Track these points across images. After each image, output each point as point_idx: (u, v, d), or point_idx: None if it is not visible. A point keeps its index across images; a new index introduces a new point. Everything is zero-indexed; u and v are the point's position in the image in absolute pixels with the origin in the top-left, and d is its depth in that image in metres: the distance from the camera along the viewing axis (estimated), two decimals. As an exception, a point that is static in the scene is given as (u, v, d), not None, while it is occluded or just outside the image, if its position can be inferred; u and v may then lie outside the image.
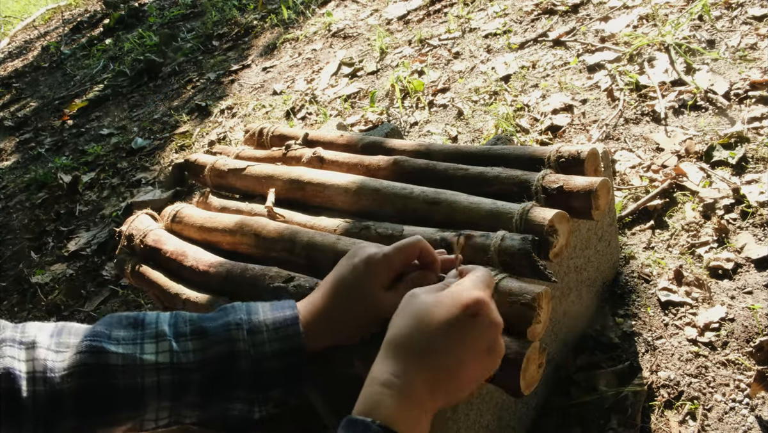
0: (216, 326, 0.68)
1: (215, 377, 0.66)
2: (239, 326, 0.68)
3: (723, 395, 1.03)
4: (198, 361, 0.66)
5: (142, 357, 0.65)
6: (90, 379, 0.63)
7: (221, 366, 0.66)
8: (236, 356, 0.66)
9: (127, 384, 0.64)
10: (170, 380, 0.65)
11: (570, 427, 1.06)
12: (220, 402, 0.67)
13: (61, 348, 0.64)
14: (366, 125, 2.20)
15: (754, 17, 1.82)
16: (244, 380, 0.67)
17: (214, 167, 1.31)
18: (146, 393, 0.64)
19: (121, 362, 0.64)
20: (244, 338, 0.67)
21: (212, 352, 0.66)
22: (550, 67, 2.04)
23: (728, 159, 1.42)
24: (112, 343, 0.65)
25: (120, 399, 0.64)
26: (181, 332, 0.68)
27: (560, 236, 0.86)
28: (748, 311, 1.13)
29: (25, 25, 6.34)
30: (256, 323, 0.68)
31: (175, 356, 0.66)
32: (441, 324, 0.57)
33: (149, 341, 0.66)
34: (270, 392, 0.69)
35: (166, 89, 3.39)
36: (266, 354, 0.67)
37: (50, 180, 2.85)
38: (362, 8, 3.19)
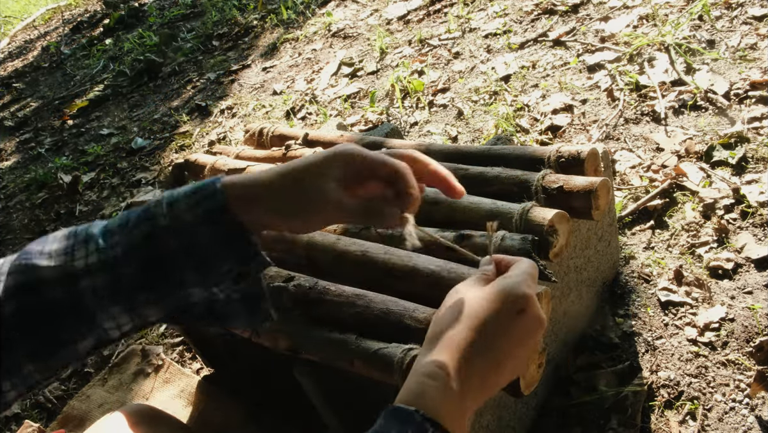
0: (138, 211, 0.62)
1: (148, 265, 0.60)
2: (159, 204, 0.61)
3: (723, 395, 1.03)
4: (124, 252, 0.60)
5: (73, 264, 0.60)
6: (26, 298, 0.59)
7: (148, 251, 0.60)
8: (158, 235, 0.60)
9: (65, 296, 0.59)
10: (104, 279, 0.60)
11: (570, 427, 1.06)
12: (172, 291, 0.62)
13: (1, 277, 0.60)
14: (366, 125, 2.20)
15: (754, 17, 1.82)
16: (181, 260, 0.60)
17: (214, 167, 1.31)
18: (86, 301, 0.60)
19: (55, 275, 0.60)
20: (163, 213, 0.60)
21: (135, 235, 0.60)
22: (550, 67, 2.04)
23: (728, 159, 1.42)
24: (44, 257, 0.61)
25: (63, 314, 0.60)
26: (109, 228, 0.62)
27: (560, 236, 0.86)
28: (748, 311, 1.13)
29: (25, 25, 6.34)
30: (175, 196, 0.61)
31: (102, 254, 0.60)
32: (489, 320, 0.55)
33: (80, 247, 0.61)
34: (219, 268, 0.61)
35: (166, 89, 3.39)
36: (188, 222, 0.59)
37: (50, 180, 2.85)
38: (362, 8, 3.20)
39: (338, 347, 0.78)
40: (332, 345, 0.79)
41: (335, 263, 0.91)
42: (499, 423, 0.94)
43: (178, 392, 1.37)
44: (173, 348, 1.58)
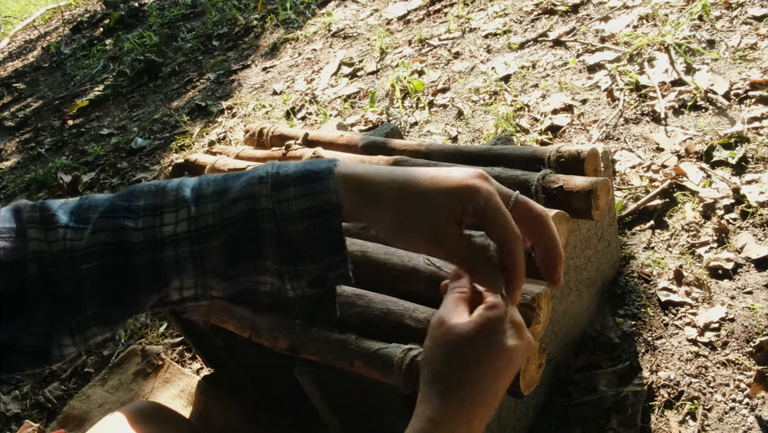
0: (238, 184, 0.58)
1: (238, 242, 0.57)
2: (262, 181, 0.56)
3: (723, 395, 1.03)
4: (217, 224, 0.57)
5: (161, 229, 0.57)
6: (110, 258, 0.57)
7: (243, 227, 0.56)
8: (258, 215, 0.56)
9: (148, 261, 0.57)
10: (189, 252, 0.57)
11: (570, 427, 1.06)
12: (247, 273, 0.59)
13: (81, 224, 0.58)
14: (366, 125, 2.20)
15: (754, 17, 1.82)
16: (271, 246, 0.56)
17: (214, 167, 1.31)
18: (166, 269, 0.57)
19: (142, 238, 0.57)
20: (267, 193, 0.56)
21: (233, 212, 0.56)
22: (550, 67, 2.04)
23: (728, 159, 1.42)
24: (131, 217, 0.58)
25: (141, 279, 0.58)
26: (203, 194, 0.58)
27: (560, 236, 0.86)
28: (748, 311, 1.13)
29: (25, 25, 6.34)
30: (283, 177, 0.56)
31: (193, 223, 0.57)
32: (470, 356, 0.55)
33: (169, 210, 0.58)
34: (302, 264, 0.57)
35: (166, 89, 3.39)
36: (291, 213, 0.55)
37: (50, 180, 2.85)
38: (362, 8, 3.20)
39: (338, 347, 0.78)
40: (332, 345, 0.79)
41: (335, 263, 0.91)
42: (499, 423, 0.94)
43: (178, 392, 1.37)
44: (173, 348, 1.58)
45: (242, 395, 1.31)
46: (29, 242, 0.56)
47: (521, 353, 0.56)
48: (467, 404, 0.54)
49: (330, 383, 0.88)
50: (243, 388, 1.32)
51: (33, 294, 0.56)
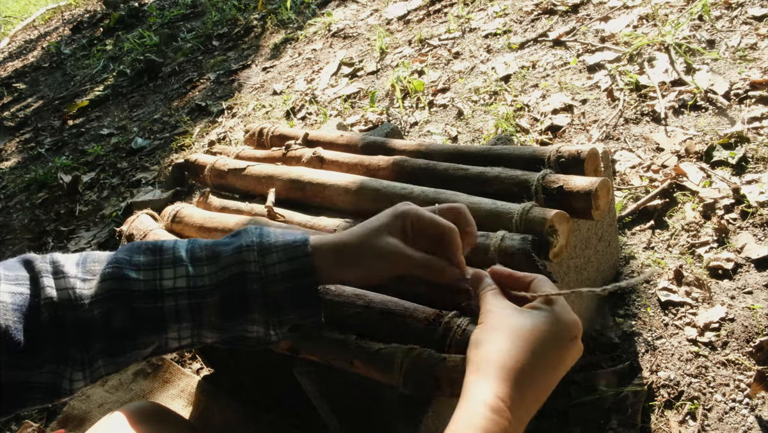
0: (229, 250, 0.70)
1: (229, 300, 0.68)
2: (250, 248, 0.69)
3: (723, 395, 1.03)
4: (213, 284, 0.68)
5: (161, 282, 0.68)
6: (115, 304, 0.66)
7: (234, 288, 0.68)
8: (247, 278, 0.68)
9: (148, 309, 0.67)
10: (187, 304, 0.67)
11: (570, 427, 1.06)
12: (237, 324, 0.70)
13: (88, 276, 0.67)
14: (366, 125, 2.20)
15: (754, 17, 1.82)
16: (257, 303, 0.68)
17: (214, 167, 1.31)
18: (166, 317, 0.67)
19: (143, 288, 0.67)
20: (255, 260, 0.68)
21: (225, 274, 0.68)
22: (550, 67, 2.04)
23: (728, 159, 1.42)
24: (133, 270, 0.68)
25: (143, 323, 0.67)
26: (197, 256, 0.70)
27: (560, 236, 0.86)
28: (748, 311, 1.13)
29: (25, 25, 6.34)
30: (266, 245, 0.69)
31: (191, 281, 0.68)
32: (552, 347, 0.56)
33: (167, 267, 0.69)
34: (284, 315, 0.70)
35: (166, 89, 3.39)
36: (276, 276, 0.68)
37: (50, 180, 2.85)
38: (362, 8, 3.20)
39: (338, 347, 0.78)
40: (332, 345, 0.79)
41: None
42: (499, 423, 0.94)
43: (178, 392, 1.37)
44: (173, 348, 1.58)
45: (242, 395, 1.31)
46: (42, 290, 0.65)
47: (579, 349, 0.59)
48: (536, 391, 0.55)
49: (330, 383, 0.88)
50: (243, 388, 1.32)
51: (45, 336, 0.64)
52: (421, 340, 0.72)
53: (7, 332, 0.61)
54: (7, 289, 0.63)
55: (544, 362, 0.55)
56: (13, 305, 0.62)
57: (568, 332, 0.57)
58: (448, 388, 0.66)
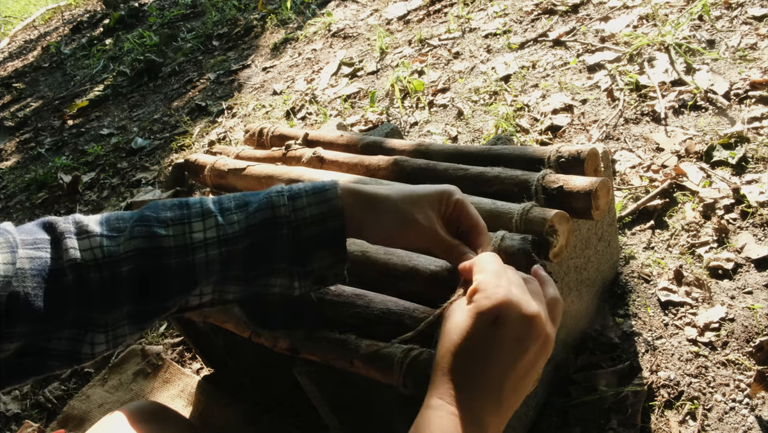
0: (259, 198, 0.69)
1: (259, 246, 0.67)
2: (280, 193, 0.69)
3: (723, 395, 1.03)
4: (243, 229, 0.67)
5: (191, 236, 0.66)
6: (147, 262, 0.64)
7: (265, 233, 0.67)
8: (278, 222, 0.67)
9: (180, 264, 0.65)
10: (218, 254, 0.66)
11: (570, 427, 1.06)
12: (262, 275, 0.68)
13: (114, 233, 0.65)
14: (366, 125, 2.20)
15: (754, 17, 1.82)
16: (286, 249, 0.67)
17: (214, 167, 1.31)
18: (197, 271, 0.65)
19: (173, 244, 0.65)
20: (284, 204, 0.68)
21: (256, 219, 0.67)
22: (550, 67, 2.04)
23: (728, 159, 1.42)
24: (161, 226, 0.66)
25: (174, 279, 0.65)
26: (226, 207, 0.68)
27: (560, 236, 0.86)
28: (748, 311, 1.13)
29: (25, 25, 6.34)
30: (296, 190, 0.69)
31: (221, 230, 0.66)
32: (466, 343, 0.55)
33: (196, 220, 0.67)
34: (310, 264, 0.69)
35: (166, 89, 3.39)
36: (305, 219, 0.67)
37: (50, 180, 2.85)
38: (362, 8, 3.20)
39: (338, 347, 0.78)
40: (332, 345, 0.79)
41: (335, 263, 0.91)
42: (499, 423, 0.94)
43: (178, 392, 1.37)
44: (173, 348, 1.58)
45: (242, 395, 1.31)
46: (65, 251, 0.62)
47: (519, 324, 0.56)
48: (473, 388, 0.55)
49: (330, 383, 0.88)
50: (243, 388, 1.32)
51: (68, 300, 0.61)
52: (421, 340, 0.72)
53: (26, 300, 0.58)
54: (25, 254, 0.60)
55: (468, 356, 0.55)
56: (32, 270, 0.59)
57: (483, 317, 0.56)
58: (448, 388, 0.66)
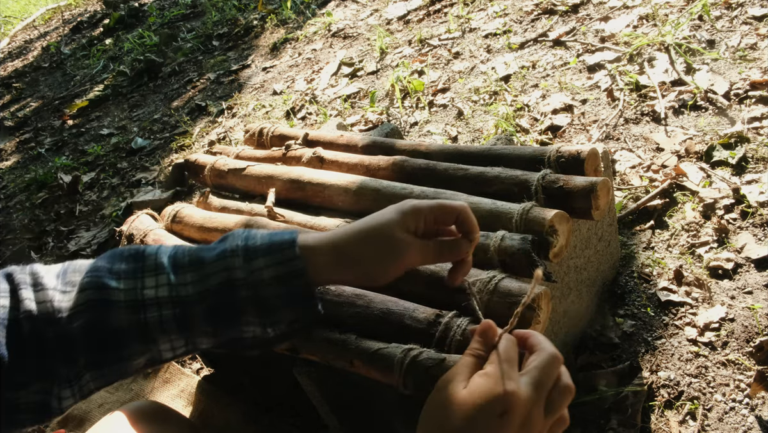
0: (212, 256, 0.66)
1: (217, 308, 0.65)
2: (234, 253, 0.65)
3: (723, 395, 1.03)
4: (197, 293, 0.65)
5: (143, 292, 0.64)
6: (94, 316, 0.63)
7: (221, 297, 0.65)
8: (234, 285, 0.64)
9: (131, 319, 0.63)
10: (172, 315, 0.64)
11: (570, 427, 1.06)
12: (231, 328, 0.66)
13: (67, 288, 0.64)
14: (366, 125, 2.20)
15: (754, 17, 1.82)
16: (249, 307, 0.65)
17: (214, 167, 1.31)
18: (151, 328, 0.64)
19: (123, 298, 0.63)
20: (240, 266, 0.65)
21: (210, 282, 0.65)
22: (550, 67, 2.04)
23: (728, 159, 1.42)
24: (113, 278, 0.64)
25: (127, 334, 0.63)
26: (180, 264, 0.66)
27: (560, 236, 0.86)
28: (748, 311, 1.13)
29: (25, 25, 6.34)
30: (252, 248, 0.66)
31: (173, 290, 0.64)
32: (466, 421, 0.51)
33: (149, 275, 0.65)
34: (278, 316, 0.67)
35: (166, 89, 3.39)
36: (264, 281, 0.65)
37: (50, 180, 2.85)
38: (362, 8, 3.19)
39: (338, 347, 0.78)
40: (332, 345, 0.79)
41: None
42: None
43: (178, 392, 1.37)
44: (173, 348, 1.58)
45: (242, 395, 1.31)
46: (21, 302, 0.61)
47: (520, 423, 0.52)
48: None
49: (330, 383, 0.88)
50: (243, 388, 1.32)
51: (28, 351, 0.60)
52: (420, 340, 0.72)
53: None
54: None
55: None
56: None
57: (490, 405, 0.51)
58: (448, 388, 0.66)
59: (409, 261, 0.68)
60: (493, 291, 0.75)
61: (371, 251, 0.66)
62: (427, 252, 0.68)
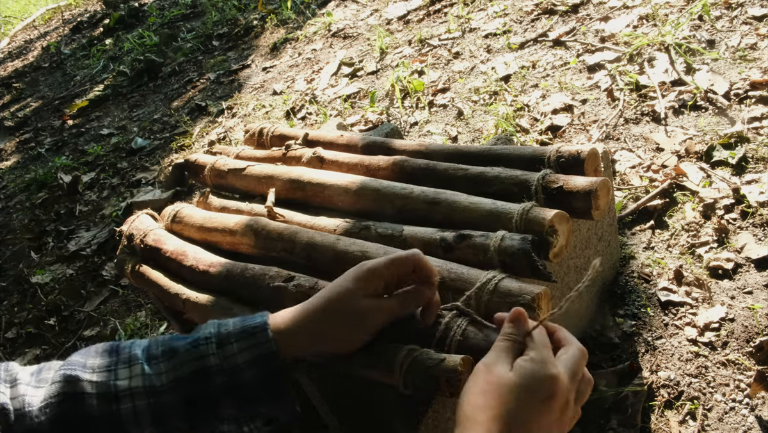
0: (185, 344, 0.66)
1: (192, 397, 0.64)
2: (208, 340, 0.66)
3: (723, 395, 1.03)
4: (170, 382, 0.64)
5: (115, 383, 0.63)
6: (65, 408, 0.62)
7: (196, 385, 0.64)
8: (209, 372, 0.64)
9: (104, 412, 0.62)
10: (146, 405, 0.63)
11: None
12: (206, 423, 0.65)
13: (41, 384, 0.63)
14: (366, 125, 2.20)
15: (754, 17, 1.82)
16: (224, 397, 0.65)
17: (214, 167, 1.31)
18: (124, 420, 0.63)
19: (95, 390, 0.63)
20: (213, 352, 0.65)
21: (184, 370, 0.64)
22: (550, 67, 2.04)
23: (728, 159, 1.42)
24: (87, 371, 0.64)
25: (99, 428, 0.62)
26: (153, 354, 0.66)
27: (560, 236, 0.86)
28: (748, 311, 1.13)
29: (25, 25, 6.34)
30: (224, 334, 0.66)
31: (147, 379, 0.64)
32: (521, 403, 0.54)
33: (122, 367, 0.65)
34: (255, 407, 0.66)
35: (166, 89, 3.39)
36: (239, 365, 0.65)
37: (50, 180, 2.85)
38: (362, 8, 3.19)
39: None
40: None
41: (335, 262, 0.91)
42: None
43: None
44: (173, 348, 1.58)
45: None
46: None
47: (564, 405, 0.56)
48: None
49: (330, 383, 0.88)
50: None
51: None
52: (421, 340, 0.72)
53: None
54: None
55: (514, 416, 0.54)
56: None
57: (539, 388, 0.55)
58: (447, 388, 0.66)
59: (376, 324, 0.69)
60: (493, 291, 0.75)
61: (338, 325, 0.68)
62: (391, 308, 0.69)
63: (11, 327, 2.03)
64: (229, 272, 0.97)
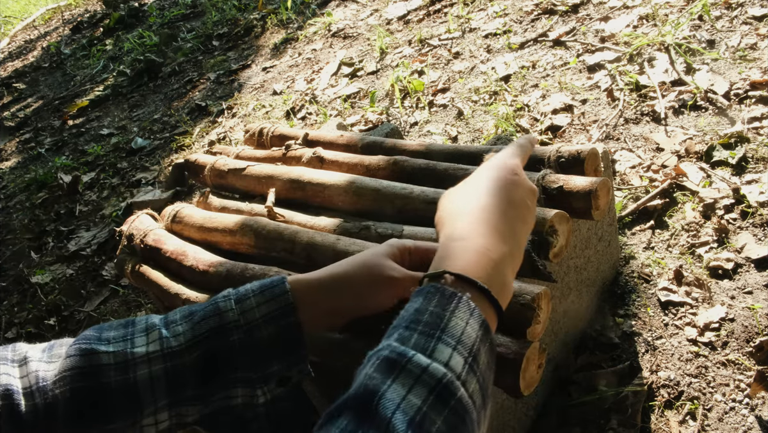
0: (204, 306, 0.66)
1: (209, 357, 0.63)
2: (226, 298, 0.67)
3: (723, 395, 1.03)
4: (188, 341, 0.63)
5: (132, 351, 0.62)
6: (82, 382, 0.60)
7: (213, 342, 0.63)
8: (227, 328, 0.64)
9: (120, 382, 0.61)
10: (163, 369, 0.62)
11: (570, 427, 1.06)
12: (219, 389, 0.64)
13: (53, 358, 0.62)
14: (366, 125, 2.20)
15: (754, 17, 1.82)
16: (240, 356, 0.64)
17: (214, 167, 1.31)
18: (140, 389, 0.61)
19: (113, 360, 0.61)
20: (232, 308, 0.65)
21: (202, 328, 0.64)
22: (550, 67, 2.04)
23: (728, 159, 1.42)
24: (102, 343, 0.63)
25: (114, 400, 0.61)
26: (171, 319, 0.66)
27: (560, 236, 0.86)
28: (748, 311, 1.13)
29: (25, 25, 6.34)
30: (243, 292, 0.67)
31: (165, 342, 0.63)
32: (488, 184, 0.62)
33: (140, 335, 0.64)
34: (269, 367, 0.65)
35: (166, 89, 3.39)
36: (256, 320, 0.65)
37: (50, 180, 2.85)
38: (362, 8, 3.19)
39: (338, 347, 0.78)
40: (332, 345, 0.79)
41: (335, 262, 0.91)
42: (499, 423, 0.94)
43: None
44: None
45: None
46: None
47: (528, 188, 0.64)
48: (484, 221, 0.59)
49: (330, 383, 0.88)
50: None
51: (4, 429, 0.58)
52: (421, 340, 0.72)
53: None
54: None
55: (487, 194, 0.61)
56: None
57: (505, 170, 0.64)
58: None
59: (399, 287, 0.68)
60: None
61: (361, 274, 0.68)
62: (413, 281, 0.69)
63: (11, 327, 2.03)
64: (229, 272, 0.97)
